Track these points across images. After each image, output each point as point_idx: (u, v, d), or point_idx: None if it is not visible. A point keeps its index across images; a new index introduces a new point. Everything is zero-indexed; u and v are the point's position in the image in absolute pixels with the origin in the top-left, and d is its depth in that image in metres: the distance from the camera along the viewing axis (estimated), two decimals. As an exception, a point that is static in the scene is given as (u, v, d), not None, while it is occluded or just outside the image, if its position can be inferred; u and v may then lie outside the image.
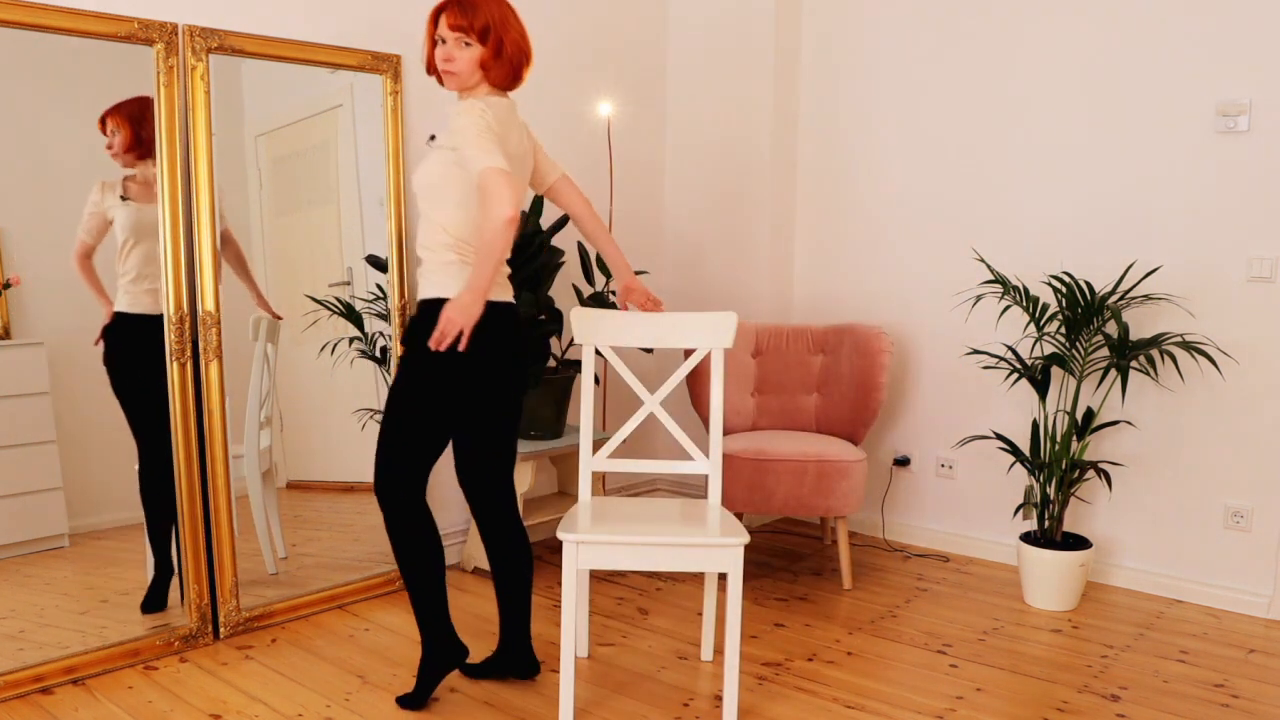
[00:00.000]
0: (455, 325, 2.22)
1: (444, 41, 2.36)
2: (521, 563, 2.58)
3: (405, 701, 2.49)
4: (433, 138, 2.40)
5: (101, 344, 2.66)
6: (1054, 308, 3.31)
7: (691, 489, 4.40)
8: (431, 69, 2.44)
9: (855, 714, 2.49)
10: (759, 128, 4.03)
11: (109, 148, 2.65)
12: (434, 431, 2.40)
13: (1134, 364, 3.18)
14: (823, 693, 2.61)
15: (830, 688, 2.64)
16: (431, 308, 2.36)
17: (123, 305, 2.69)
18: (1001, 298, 3.33)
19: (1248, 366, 3.18)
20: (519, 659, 2.61)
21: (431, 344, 2.23)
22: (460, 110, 2.29)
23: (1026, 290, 3.28)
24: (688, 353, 3.55)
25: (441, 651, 2.49)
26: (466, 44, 2.33)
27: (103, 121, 2.64)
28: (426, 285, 2.40)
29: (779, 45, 3.99)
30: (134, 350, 2.70)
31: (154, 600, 2.80)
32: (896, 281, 3.92)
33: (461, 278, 2.36)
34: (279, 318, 3.04)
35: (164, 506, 2.77)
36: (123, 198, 2.66)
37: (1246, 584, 3.22)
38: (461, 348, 2.25)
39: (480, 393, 2.43)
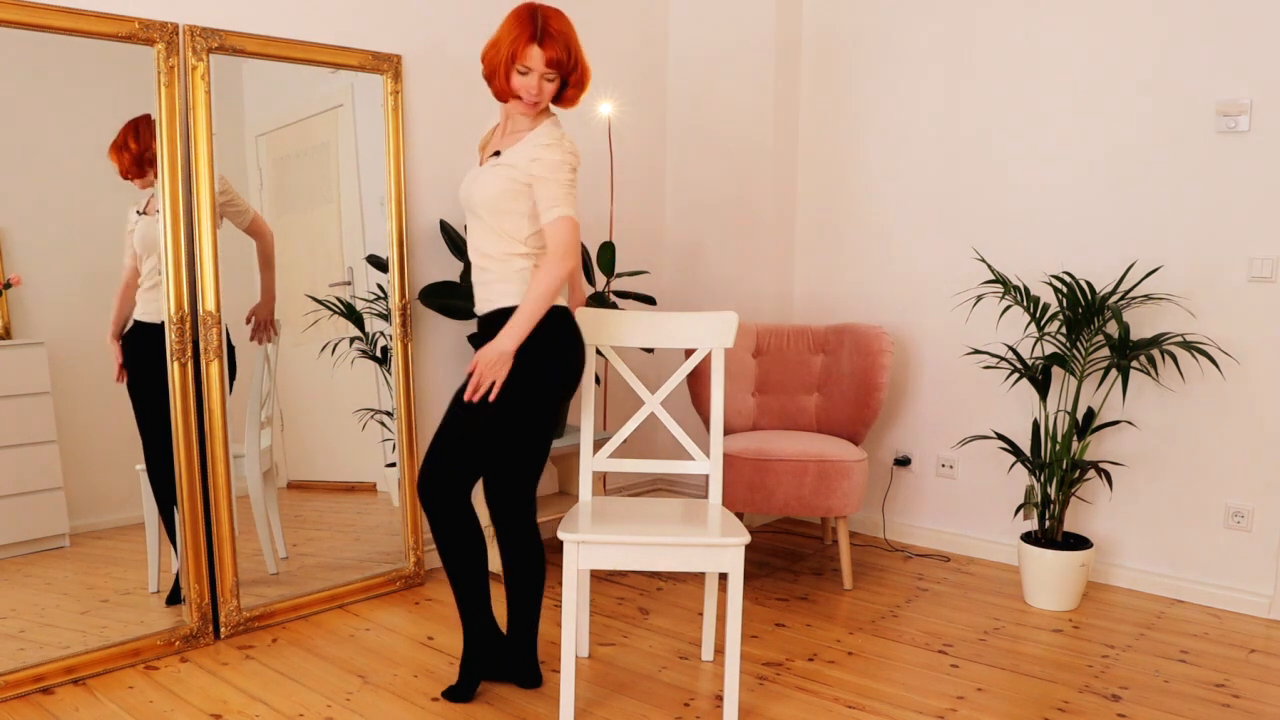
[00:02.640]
0: (488, 379, 2.28)
1: (528, 72, 2.32)
2: (533, 574, 2.58)
3: (450, 694, 2.53)
4: (497, 153, 2.40)
5: (119, 353, 2.70)
6: (1055, 308, 3.31)
7: (692, 489, 4.40)
8: (504, 91, 2.36)
9: (856, 714, 2.49)
10: (760, 127, 4.03)
11: (124, 175, 2.70)
12: (496, 446, 2.42)
13: (1135, 364, 3.18)
14: (823, 693, 2.61)
15: (831, 688, 2.64)
16: (504, 320, 2.35)
17: (139, 314, 2.73)
18: (1002, 298, 3.33)
19: (1248, 366, 3.18)
20: (522, 668, 2.61)
21: (465, 398, 2.30)
22: (548, 142, 2.29)
23: (1027, 290, 3.28)
24: (688, 353, 3.54)
25: (480, 646, 2.52)
26: (551, 79, 2.33)
27: (112, 155, 2.68)
28: (500, 294, 2.38)
29: (780, 45, 3.99)
30: (149, 356, 2.73)
31: (179, 593, 2.82)
32: (897, 281, 3.91)
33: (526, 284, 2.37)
34: (273, 329, 3.03)
35: (175, 498, 2.78)
36: (139, 212, 2.71)
37: (1247, 584, 3.22)
38: (491, 398, 2.30)
39: (550, 407, 2.43)
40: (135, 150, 2.67)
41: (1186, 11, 3.21)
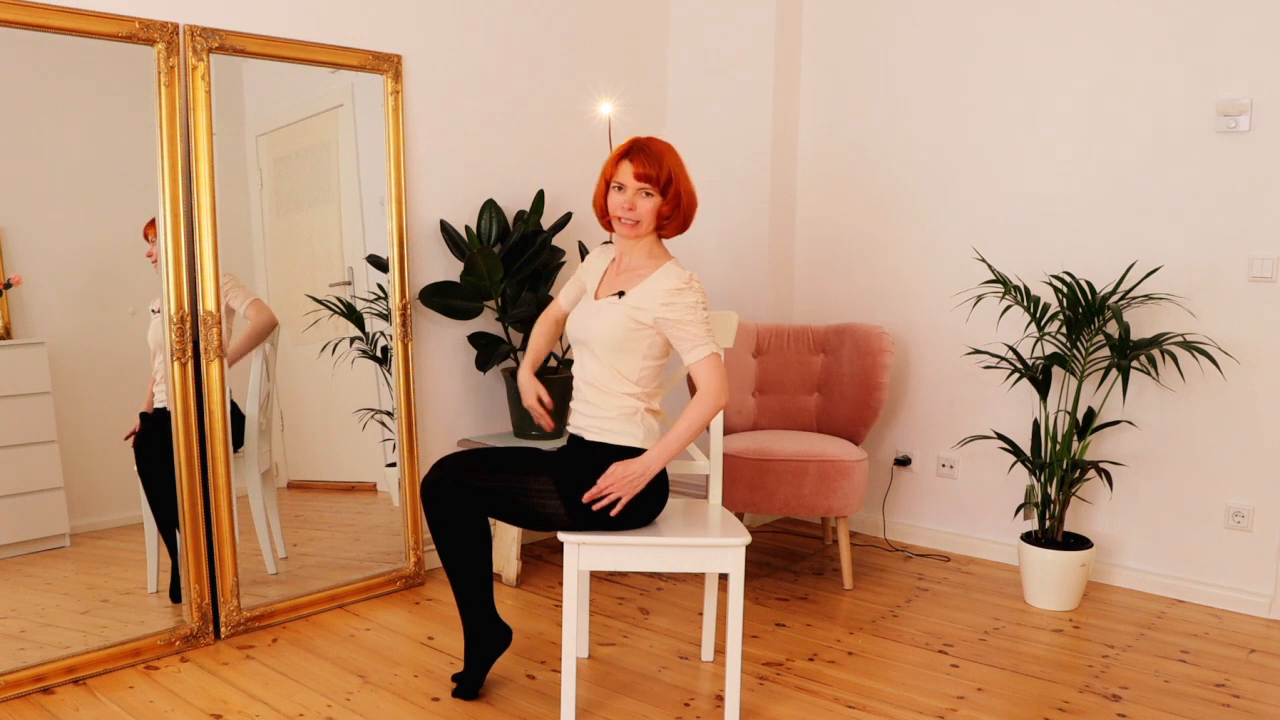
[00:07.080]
0: (620, 494, 2.27)
1: (622, 189, 2.33)
2: (486, 543, 2.49)
3: (457, 691, 2.53)
4: (620, 293, 2.38)
5: (134, 436, 2.75)
6: (1055, 307, 3.31)
7: (692, 489, 4.40)
8: (602, 213, 2.41)
9: (856, 714, 2.49)
10: (760, 126, 4.02)
11: (149, 255, 2.74)
12: (542, 521, 2.39)
13: (1135, 364, 3.18)
14: (824, 693, 2.61)
15: (831, 687, 2.64)
16: (618, 456, 2.33)
17: (157, 403, 2.77)
18: (1002, 297, 3.33)
19: (1249, 366, 3.18)
20: (499, 633, 2.55)
21: (586, 498, 2.28)
22: (679, 286, 2.28)
23: (1027, 290, 3.27)
24: (688, 352, 3.54)
25: (477, 639, 2.51)
26: (648, 194, 2.33)
27: (146, 232, 2.73)
28: (618, 433, 2.35)
29: (780, 44, 3.99)
30: (165, 443, 2.75)
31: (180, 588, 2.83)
32: (897, 281, 3.91)
33: (647, 427, 2.36)
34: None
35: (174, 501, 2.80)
36: (154, 310, 2.75)
37: (1247, 584, 3.22)
38: (613, 514, 2.29)
39: (626, 526, 2.39)
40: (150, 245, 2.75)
41: (1187, 11, 3.20)
